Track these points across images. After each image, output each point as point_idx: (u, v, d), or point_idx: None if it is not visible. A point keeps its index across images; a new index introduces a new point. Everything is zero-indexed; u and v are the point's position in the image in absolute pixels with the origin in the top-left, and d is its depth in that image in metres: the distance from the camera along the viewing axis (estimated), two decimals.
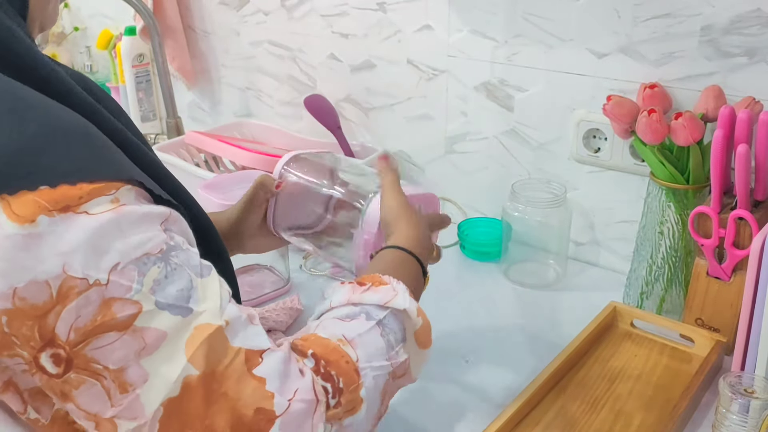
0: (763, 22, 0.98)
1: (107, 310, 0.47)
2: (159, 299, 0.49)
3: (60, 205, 0.46)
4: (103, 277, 0.47)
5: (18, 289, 0.46)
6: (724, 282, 0.97)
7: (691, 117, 0.99)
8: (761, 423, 0.76)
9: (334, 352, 0.57)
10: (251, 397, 0.50)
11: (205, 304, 0.51)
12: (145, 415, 0.49)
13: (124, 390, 0.48)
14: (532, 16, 1.18)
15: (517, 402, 0.86)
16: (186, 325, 0.50)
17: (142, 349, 0.48)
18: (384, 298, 0.63)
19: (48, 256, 0.46)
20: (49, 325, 0.47)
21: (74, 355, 0.47)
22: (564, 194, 1.16)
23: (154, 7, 1.62)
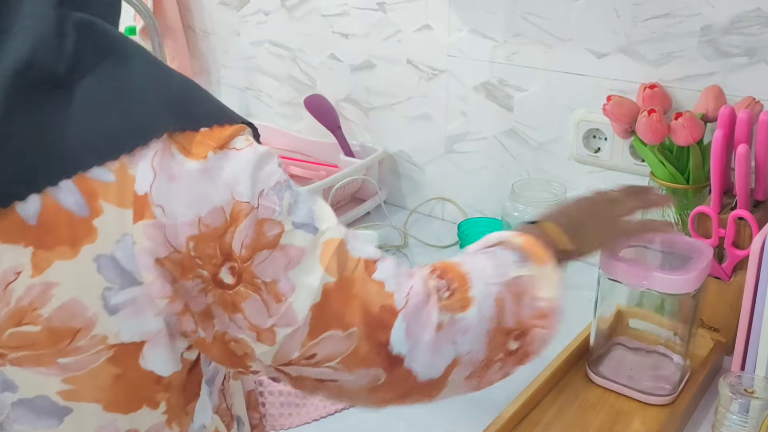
0: (763, 22, 0.98)
1: (260, 229, 0.54)
2: (294, 220, 0.56)
3: (219, 143, 0.54)
4: (254, 202, 0.54)
5: (202, 217, 0.53)
6: (724, 282, 0.97)
7: (691, 117, 0.99)
8: (761, 423, 0.76)
9: (445, 265, 0.64)
10: (376, 297, 0.58)
11: (326, 223, 0.58)
12: (298, 321, 0.55)
13: (278, 300, 0.55)
14: (531, 16, 1.18)
15: (517, 402, 0.86)
16: (316, 241, 0.57)
17: (288, 263, 0.55)
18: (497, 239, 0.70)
19: (219, 186, 0.53)
20: (227, 242, 0.53)
21: (243, 270, 0.54)
22: (564, 194, 1.16)
23: (154, 7, 1.62)
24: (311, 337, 0.56)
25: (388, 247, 1.29)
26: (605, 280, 0.89)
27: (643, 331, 0.97)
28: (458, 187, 1.38)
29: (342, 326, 0.57)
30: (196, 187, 0.52)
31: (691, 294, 0.86)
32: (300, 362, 0.57)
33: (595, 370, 0.94)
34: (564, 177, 1.22)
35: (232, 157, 0.54)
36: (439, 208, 1.42)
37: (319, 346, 0.57)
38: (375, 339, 0.57)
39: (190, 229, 0.52)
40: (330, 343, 0.57)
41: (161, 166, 0.52)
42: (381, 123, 1.45)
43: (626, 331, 0.98)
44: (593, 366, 0.94)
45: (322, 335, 0.56)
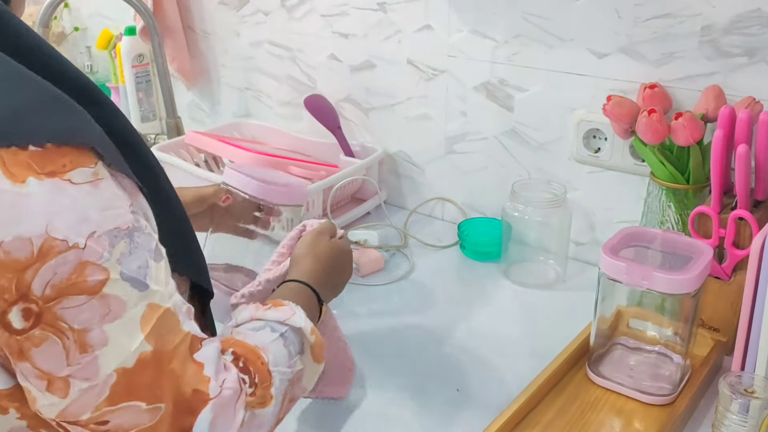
0: (763, 22, 0.98)
1: (81, 272, 0.51)
2: (123, 270, 0.53)
3: (47, 169, 0.50)
4: (81, 241, 0.51)
5: (4, 243, 0.49)
6: (724, 282, 0.97)
7: (691, 117, 0.99)
8: (761, 423, 0.76)
9: (251, 353, 0.64)
10: (192, 378, 0.57)
11: (158, 285, 0.56)
12: (99, 377, 0.53)
13: (84, 350, 0.52)
14: (532, 16, 1.18)
15: (517, 402, 0.86)
16: (142, 299, 0.55)
17: (106, 314, 0.53)
18: (284, 316, 0.70)
19: (34, 215, 0.50)
20: (27, 279, 0.50)
21: (45, 311, 0.51)
22: (564, 194, 1.16)
23: (154, 8, 1.62)
24: (110, 402, 0.54)
25: (388, 247, 1.29)
26: (605, 280, 0.89)
27: (643, 331, 0.97)
28: (458, 187, 1.38)
29: (148, 399, 0.55)
30: (6, 210, 0.49)
31: (691, 294, 0.86)
32: (88, 425, 0.54)
33: (595, 370, 0.94)
34: (564, 177, 1.22)
35: (60, 189, 0.50)
36: (439, 208, 1.42)
37: (115, 414, 0.54)
38: (179, 422, 0.56)
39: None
40: (128, 414, 0.54)
41: None
42: (381, 123, 1.45)
43: (626, 331, 0.98)
44: (593, 366, 0.94)
45: (122, 404, 0.54)
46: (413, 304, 1.13)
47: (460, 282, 1.22)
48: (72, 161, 0.51)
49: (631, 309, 0.96)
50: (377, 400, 0.92)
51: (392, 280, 1.21)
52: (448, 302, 1.14)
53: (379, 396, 0.93)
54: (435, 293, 1.17)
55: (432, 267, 1.25)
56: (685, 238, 0.92)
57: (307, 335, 0.71)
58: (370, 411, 0.91)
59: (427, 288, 1.19)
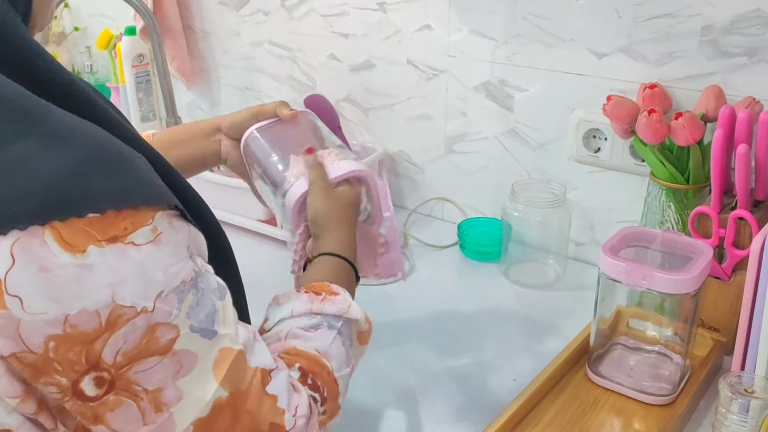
0: (763, 22, 0.98)
1: (152, 335, 0.50)
2: (193, 323, 0.52)
3: (108, 235, 0.48)
4: (149, 305, 0.49)
5: (70, 316, 0.47)
6: (724, 282, 0.97)
7: (691, 117, 0.99)
8: (761, 423, 0.76)
9: (316, 365, 0.64)
10: (267, 413, 0.56)
11: (226, 328, 0.55)
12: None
13: (159, 409, 0.51)
14: (532, 16, 1.18)
15: (517, 402, 0.86)
16: (212, 347, 0.53)
17: (178, 371, 0.51)
18: (341, 309, 0.69)
19: (99, 286, 0.48)
20: (96, 350, 0.48)
21: (118, 378, 0.50)
22: (564, 194, 1.16)
23: (154, 7, 1.62)
24: None
25: None
26: (605, 280, 0.89)
27: (643, 331, 0.97)
28: (458, 187, 1.38)
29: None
30: (68, 283, 0.47)
31: (691, 294, 0.86)
32: None
33: (595, 370, 0.94)
34: (564, 177, 1.22)
35: (124, 254, 0.48)
36: (439, 208, 1.42)
37: None
38: None
39: (51, 327, 0.47)
40: None
41: (25, 253, 0.46)
42: (381, 123, 1.45)
43: (626, 331, 0.98)
44: (593, 366, 0.94)
45: None
46: (413, 304, 1.13)
47: (460, 282, 1.22)
48: (133, 222, 0.49)
49: (630, 309, 0.96)
50: (377, 400, 0.92)
51: (392, 279, 1.20)
52: (448, 302, 1.14)
53: (379, 396, 0.93)
54: (435, 293, 1.17)
55: (432, 267, 1.25)
56: (685, 238, 0.92)
57: (362, 324, 0.71)
58: (370, 411, 0.91)
59: (427, 288, 1.19)
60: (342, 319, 0.69)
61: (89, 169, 0.48)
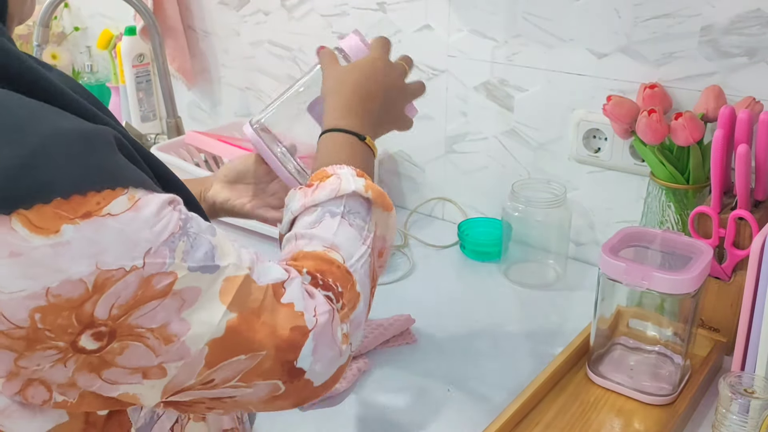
0: (763, 22, 0.98)
1: (147, 285, 0.50)
2: (191, 264, 0.53)
3: (80, 212, 0.48)
4: (139, 263, 0.50)
5: (51, 288, 0.47)
6: (724, 282, 0.97)
7: (691, 117, 0.99)
8: (761, 423, 0.76)
9: (324, 262, 0.63)
10: (286, 320, 0.57)
11: (227, 259, 0.55)
12: (191, 355, 0.53)
13: (168, 341, 0.52)
14: (532, 16, 1.18)
15: (517, 402, 0.86)
16: (216, 279, 0.54)
17: (181, 305, 0.52)
18: (332, 190, 0.67)
19: (78, 258, 0.48)
20: (87, 311, 0.49)
21: (117, 327, 0.50)
22: (564, 194, 1.16)
23: (154, 7, 1.62)
24: (208, 366, 0.54)
25: None
26: (605, 280, 0.89)
27: (643, 331, 0.97)
28: (458, 187, 1.38)
29: (247, 351, 0.55)
30: (44, 261, 0.47)
31: (691, 294, 0.86)
32: (195, 387, 0.55)
33: (595, 370, 0.94)
34: (564, 177, 1.22)
35: (101, 226, 0.48)
36: (439, 208, 1.42)
37: (217, 372, 0.55)
38: (283, 358, 0.57)
39: (33, 301, 0.47)
40: (230, 367, 0.55)
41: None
42: None
43: (626, 331, 0.98)
44: (593, 366, 0.94)
45: (221, 363, 0.55)
46: (413, 304, 1.13)
47: (460, 282, 1.22)
48: (105, 198, 0.49)
49: (630, 309, 0.96)
50: (377, 400, 0.93)
51: (392, 280, 1.21)
52: (448, 302, 1.14)
53: (378, 396, 0.93)
54: (435, 293, 1.17)
55: (432, 267, 1.25)
56: (685, 238, 0.92)
57: (363, 194, 0.68)
58: (370, 411, 0.91)
59: (427, 288, 1.19)
60: (341, 199, 0.67)
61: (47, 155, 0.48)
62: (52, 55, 1.92)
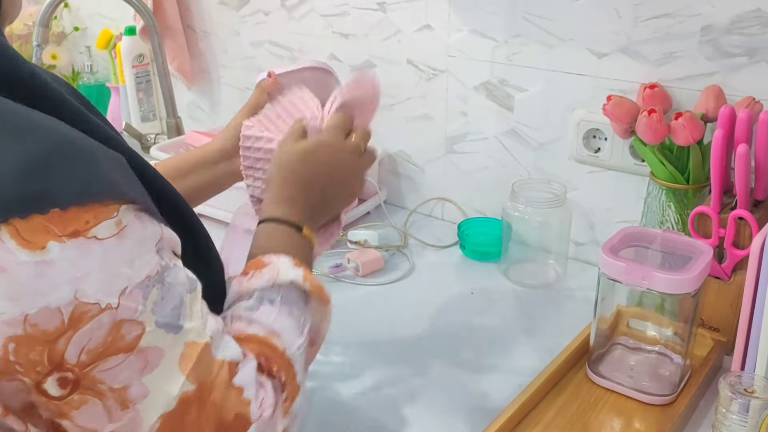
0: (763, 22, 0.98)
1: (117, 332, 0.49)
2: (158, 318, 0.51)
3: (69, 230, 0.47)
4: (114, 302, 0.49)
5: (30, 315, 0.46)
6: (724, 282, 0.97)
7: (691, 117, 0.99)
8: (761, 423, 0.76)
9: (267, 347, 0.62)
10: (233, 405, 0.56)
11: (192, 322, 0.54)
12: (143, 429, 0.52)
13: (125, 406, 0.51)
14: (532, 16, 1.18)
15: (517, 402, 0.86)
16: (177, 341, 0.53)
17: (144, 367, 0.51)
18: (269, 279, 0.66)
19: (60, 282, 0.47)
20: (59, 350, 0.48)
21: (82, 377, 0.49)
22: (564, 194, 1.16)
23: (154, 7, 1.62)
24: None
25: (388, 247, 1.29)
26: (605, 280, 0.89)
27: (643, 331, 0.97)
28: (458, 187, 1.38)
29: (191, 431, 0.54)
30: (27, 281, 0.46)
31: (691, 294, 0.86)
32: None
33: (595, 370, 0.94)
34: (564, 177, 1.22)
35: (86, 249, 0.47)
36: (439, 208, 1.42)
37: None
38: None
39: (10, 328, 0.46)
40: None
41: None
42: (381, 123, 1.44)
43: (626, 331, 0.98)
44: (593, 366, 0.94)
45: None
46: (413, 304, 1.13)
47: (460, 282, 1.22)
48: (96, 216, 0.48)
49: (631, 309, 0.96)
50: (377, 400, 0.92)
51: (392, 280, 1.21)
52: (448, 302, 1.14)
53: (378, 396, 0.93)
54: (435, 293, 1.17)
55: (432, 267, 1.25)
56: (685, 238, 0.92)
57: (301, 285, 0.66)
58: (370, 411, 0.91)
59: (427, 288, 1.19)
60: (279, 287, 0.65)
61: (49, 165, 0.47)
62: (51, 55, 1.92)
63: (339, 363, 0.99)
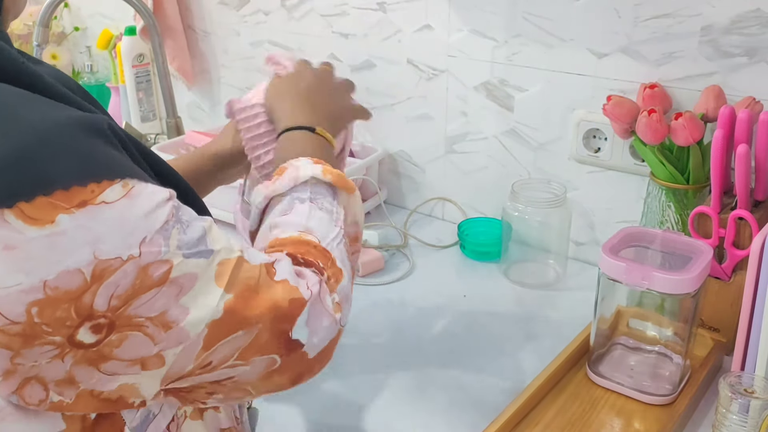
0: (763, 22, 0.98)
1: (144, 275, 0.50)
2: (185, 252, 0.53)
3: (75, 201, 0.48)
4: (135, 252, 0.50)
5: (48, 281, 0.47)
6: (724, 282, 0.97)
7: (691, 117, 0.99)
8: (761, 423, 0.76)
9: (301, 244, 0.64)
10: (283, 293, 0.58)
11: (219, 243, 0.56)
12: (190, 338, 0.53)
13: (167, 328, 0.52)
14: (532, 16, 1.18)
15: (517, 402, 0.86)
16: (211, 263, 0.55)
17: (179, 292, 0.52)
18: (291, 179, 0.69)
19: (76, 247, 0.48)
20: (86, 302, 0.49)
21: (116, 318, 0.50)
22: (564, 194, 1.16)
23: (154, 7, 1.62)
24: (206, 348, 0.55)
25: (388, 247, 1.29)
26: (605, 280, 0.89)
27: (643, 331, 0.97)
28: (458, 187, 1.38)
29: (246, 326, 0.56)
30: (40, 253, 0.47)
31: (691, 294, 0.86)
32: (194, 373, 0.55)
33: (595, 370, 0.94)
34: (564, 177, 1.22)
35: (97, 213, 0.48)
36: (439, 208, 1.42)
37: (215, 353, 0.55)
38: (279, 329, 0.58)
39: (29, 295, 0.47)
40: (228, 346, 0.56)
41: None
42: (381, 123, 1.45)
43: (626, 331, 0.98)
44: (593, 366, 0.94)
45: (219, 343, 0.55)
46: (413, 304, 1.13)
47: (460, 282, 1.22)
48: (101, 186, 0.49)
49: (631, 309, 0.96)
50: (377, 400, 0.92)
51: (392, 280, 1.21)
52: (448, 302, 1.14)
53: (378, 396, 0.93)
54: (435, 293, 1.17)
55: (432, 267, 1.25)
56: (685, 238, 0.92)
57: (322, 178, 0.69)
58: (370, 411, 0.91)
59: (427, 288, 1.19)
60: (305, 185, 0.69)
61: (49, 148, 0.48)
62: (52, 55, 1.92)
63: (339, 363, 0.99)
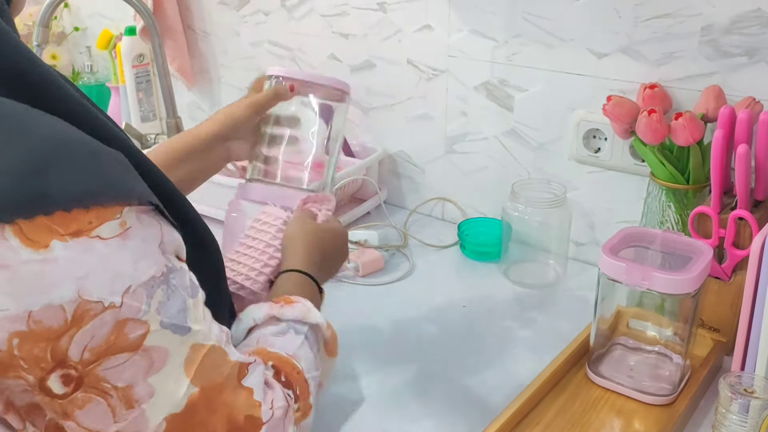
0: (763, 22, 0.98)
1: (120, 331, 0.49)
2: (163, 319, 0.51)
3: (72, 229, 0.47)
4: (117, 300, 0.49)
5: (33, 312, 0.47)
6: (724, 282, 0.97)
7: (691, 117, 0.99)
8: (761, 423, 0.76)
9: (287, 365, 0.64)
10: (243, 405, 0.56)
11: (198, 325, 0.55)
12: (149, 429, 0.52)
13: (130, 406, 0.51)
14: (532, 16, 1.18)
15: (517, 402, 0.86)
16: (184, 343, 0.53)
17: (150, 367, 0.51)
18: (301, 315, 0.70)
19: (63, 280, 0.47)
20: (62, 347, 0.48)
21: (86, 374, 0.49)
22: (564, 194, 1.16)
23: (154, 7, 1.62)
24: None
25: (388, 247, 1.29)
26: (605, 280, 0.89)
27: (643, 332, 0.97)
28: (458, 187, 1.38)
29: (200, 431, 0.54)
30: (30, 279, 0.46)
31: (691, 294, 0.86)
32: None
33: (595, 370, 0.94)
34: (564, 177, 1.22)
35: (89, 247, 0.47)
36: (439, 208, 1.42)
37: None
38: None
39: (14, 324, 0.46)
40: None
41: None
42: (381, 123, 1.45)
43: (626, 331, 0.98)
44: (593, 366, 0.94)
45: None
46: (413, 304, 1.13)
47: (460, 282, 1.22)
48: (99, 217, 0.48)
49: (630, 309, 0.96)
50: (377, 400, 0.92)
51: (392, 280, 1.21)
52: (448, 302, 1.14)
53: (378, 396, 0.93)
54: (435, 293, 1.17)
55: (432, 267, 1.25)
56: (685, 238, 0.92)
57: (324, 331, 0.71)
58: (370, 411, 0.91)
59: (427, 288, 1.19)
60: (306, 324, 0.70)
61: (49, 167, 0.47)
62: (52, 55, 1.92)
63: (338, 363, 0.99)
